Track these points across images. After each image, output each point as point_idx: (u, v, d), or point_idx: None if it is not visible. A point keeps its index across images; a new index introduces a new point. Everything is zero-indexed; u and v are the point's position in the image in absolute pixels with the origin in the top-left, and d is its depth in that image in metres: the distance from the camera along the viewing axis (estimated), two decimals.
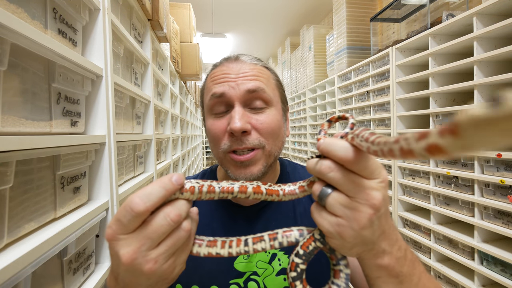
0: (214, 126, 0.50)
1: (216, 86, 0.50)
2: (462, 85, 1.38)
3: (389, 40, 2.28)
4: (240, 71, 0.50)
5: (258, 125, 0.49)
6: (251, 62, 0.52)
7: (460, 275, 1.47)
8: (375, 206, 0.28)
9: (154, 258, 0.28)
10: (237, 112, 0.47)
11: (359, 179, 0.29)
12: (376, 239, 0.31)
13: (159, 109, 1.69)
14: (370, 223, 0.29)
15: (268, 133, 0.49)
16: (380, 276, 0.33)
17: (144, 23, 1.35)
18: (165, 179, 0.30)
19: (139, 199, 0.28)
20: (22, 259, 0.43)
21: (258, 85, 0.49)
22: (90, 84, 0.75)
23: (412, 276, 0.34)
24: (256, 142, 0.48)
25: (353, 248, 0.31)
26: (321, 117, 3.13)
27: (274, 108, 0.51)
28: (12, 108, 0.48)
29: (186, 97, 3.37)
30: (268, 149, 0.49)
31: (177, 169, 2.36)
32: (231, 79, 0.49)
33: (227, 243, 0.34)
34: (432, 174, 1.62)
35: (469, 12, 1.32)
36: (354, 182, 0.29)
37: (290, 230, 0.35)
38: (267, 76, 0.53)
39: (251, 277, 0.52)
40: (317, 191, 0.31)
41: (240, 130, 0.46)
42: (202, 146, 7.85)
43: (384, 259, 0.32)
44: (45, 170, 0.57)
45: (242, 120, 0.46)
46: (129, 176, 1.15)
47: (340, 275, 0.34)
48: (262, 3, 3.66)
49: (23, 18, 0.51)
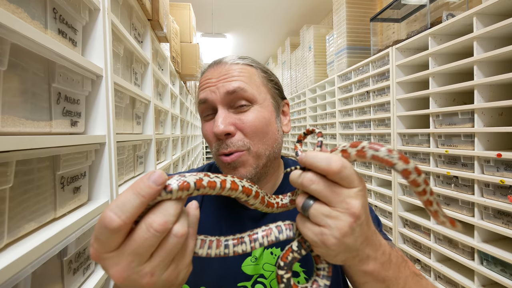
0: (205, 130, 0.53)
1: (201, 93, 0.52)
2: (462, 85, 1.38)
3: (389, 40, 2.28)
4: (220, 74, 0.51)
5: (241, 124, 0.48)
6: (232, 63, 0.52)
7: (460, 275, 1.47)
8: (355, 214, 0.30)
9: (149, 272, 0.26)
10: (219, 116, 0.48)
11: (340, 188, 0.30)
12: (359, 245, 0.32)
13: (159, 109, 1.69)
14: (351, 231, 0.30)
15: (253, 132, 0.49)
16: (367, 281, 0.34)
17: (144, 23, 1.35)
18: (140, 182, 0.25)
19: (113, 213, 0.24)
20: (22, 259, 0.43)
21: (238, 85, 0.49)
22: (90, 84, 0.75)
23: (398, 280, 0.35)
24: (239, 144, 0.48)
25: (337, 256, 0.32)
26: (321, 117, 3.13)
27: (259, 106, 0.50)
28: (12, 108, 0.48)
29: (186, 97, 3.37)
30: (254, 150, 0.49)
31: (177, 169, 2.36)
32: (211, 84, 0.50)
33: (206, 242, 0.32)
34: (432, 174, 1.62)
35: (469, 12, 1.32)
36: (334, 192, 0.30)
37: (269, 229, 0.36)
38: (250, 74, 0.52)
39: (258, 280, 0.51)
40: (300, 203, 0.32)
41: (222, 133, 0.47)
42: (202, 146, 7.85)
43: (369, 264, 0.33)
44: (45, 170, 0.57)
45: (224, 123, 0.47)
46: (129, 176, 1.15)
47: (320, 275, 0.35)
48: (262, 3, 3.66)
49: (23, 18, 0.51)
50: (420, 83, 1.80)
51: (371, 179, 2.23)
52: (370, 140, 2.18)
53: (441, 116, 1.55)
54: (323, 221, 0.30)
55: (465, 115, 1.40)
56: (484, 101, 1.32)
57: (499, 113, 1.34)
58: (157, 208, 0.26)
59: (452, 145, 1.48)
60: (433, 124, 1.60)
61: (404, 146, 1.84)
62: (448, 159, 1.52)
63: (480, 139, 1.32)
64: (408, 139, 1.83)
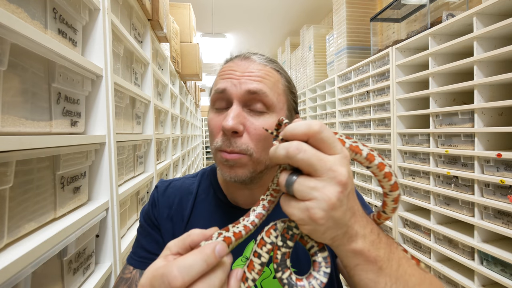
0: (213, 121, 0.50)
1: (220, 81, 0.50)
2: (462, 85, 1.38)
3: (389, 40, 2.28)
4: (246, 69, 0.49)
5: (251, 129, 0.47)
6: (260, 62, 0.51)
7: (460, 275, 1.47)
8: (342, 182, 0.28)
9: None
10: (233, 111, 0.46)
11: (324, 155, 0.29)
12: (348, 220, 0.31)
13: (159, 109, 1.69)
14: (339, 202, 0.29)
15: (258, 140, 0.47)
16: (358, 263, 0.33)
17: (144, 23, 1.35)
18: (208, 250, 0.27)
19: (179, 273, 0.26)
20: (22, 259, 0.43)
21: (261, 88, 0.47)
22: (90, 84, 0.75)
23: (391, 261, 0.33)
24: (243, 147, 0.46)
25: (326, 232, 0.30)
26: (321, 117, 3.13)
27: (275, 115, 0.49)
28: (12, 108, 0.48)
29: (186, 97, 3.37)
30: (256, 156, 0.47)
31: (177, 169, 2.36)
32: (235, 76, 0.48)
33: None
34: (432, 174, 1.62)
35: (469, 12, 1.32)
36: (321, 159, 0.28)
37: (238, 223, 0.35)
38: (275, 80, 0.51)
39: None
40: (283, 180, 0.31)
41: (230, 130, 0.45)
42: (202, 146, 7.85)
43: (358, 242, 0.32)
44: (45, 170, 0.57)
45: (236, 120, 0.45)
46: (129, 176, 1.15)
47: (318, 266, 0.34)
48: (262, 3, 3.65)
49: (23, 18, 0.51)
50: (420, 83, 1.80)
51: (371, 179, 2.23)
52: (370, 140, 2.18)
53: (441, 116, 1.55)
54: (309, 194, 0.29)
55: (465, 115, 1.40)
56: (484, 101, 1.32)
57: (499, 113, 1.34)
58: (211, 275, 0.28)
59: (452, 145, 1.48)
60: (433, 124, 1.60)
61: (404, 146, 1.84)
62: (448, 159, 1.52)
63: (480, 139, 1.32)
64: (408, 139, 1.83)
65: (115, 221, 0.82)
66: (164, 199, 0.58)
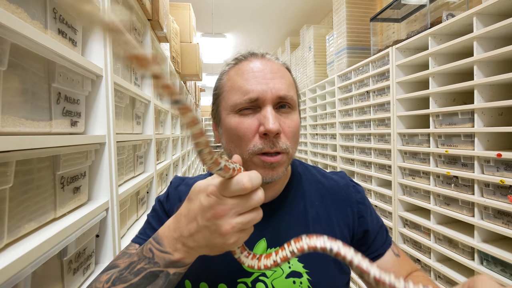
0: (244, 125, 0.48)
1: (246, 83, 0.49)
2: (462, 85, 1.38)
3: (389, 40, 2.28)
4: (267, 71, 0.50)
5: (286, 128, 0.49)
6: (275, 61, 0.54)
7: (460, 275, 1.47)
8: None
9: (233, 223, 0.34)
10: (270, 114, 0.47)
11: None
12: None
13: (159, 109, 1.69)
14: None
15: (293, 137, 0.51)
16: None
17: (144, 23, 1.35)
18: (256, 176, 0.36)
19: (249, 182, 0.34)
20: (22, 259, 0.43)
21: (289, 91, 0.50)
22: (90, 84, 0.75)
23: None
24: (283, 147, 0.48)
25: None
26: (321, 117, 3.13)
27: (296, 112, 0.53)
28: (12, 108, 0.48)
29: (186, 97, 3.36)
30: (291, 153, 0.51)
31: (177, 169, 2.36)
32: (263, 80, 0.49)
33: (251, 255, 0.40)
34: (432, 174, 1.62)
35: (469, 12, 1.32)
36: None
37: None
38: (291, 80, 0.54)
39: (259, 278, 0.52)
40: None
41: (276, 132, 0.46)
42: None
43: None
44: (45, 170, 0.57)
45: (277, 121, 0.47)
46: (129, 176, 1.15)
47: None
48: (262, 3, 3.66)
49: (23, 18, 0.51)
50: (420, 83, 1.80)
51: (371, 179, 2.23)
52: (370, 140, 2.18)
53: (441, 116, 1.55)
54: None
55: (465, 115, 1.40)
56: (484, 101, 1.32)
57: (499, 113, 1.33)
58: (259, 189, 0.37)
59: (452, 145, 1.48)
60: (433, 124, 1.60)
61: (404, 146, 1.84)
62: (448, 159, 1.52)
63: (480, 139, 1.32)
64: (408, 139, 1.83)
65: (115, 221, 0.82)
66: (176, 194, 0.60)
